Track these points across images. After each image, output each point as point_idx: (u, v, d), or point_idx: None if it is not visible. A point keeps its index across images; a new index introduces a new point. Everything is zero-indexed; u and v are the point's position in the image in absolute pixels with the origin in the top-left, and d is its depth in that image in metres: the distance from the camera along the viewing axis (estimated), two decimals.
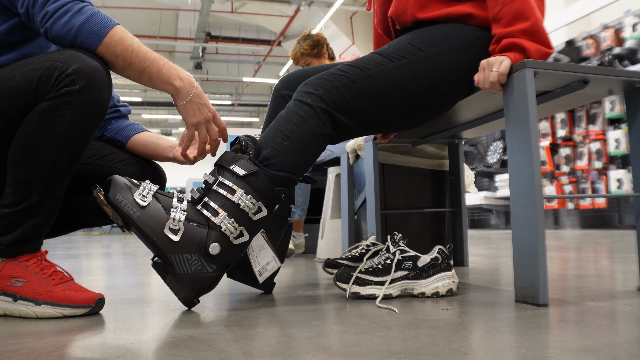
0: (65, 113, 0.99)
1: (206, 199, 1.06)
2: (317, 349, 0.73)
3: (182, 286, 1.05)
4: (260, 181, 1.07)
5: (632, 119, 1.26)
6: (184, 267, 1.03)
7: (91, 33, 1.01)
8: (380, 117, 1.20)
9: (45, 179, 1.01)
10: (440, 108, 1.27)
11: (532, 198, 1.05)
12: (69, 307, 1.02)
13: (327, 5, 9.43)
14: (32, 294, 1.01)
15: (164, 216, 1.03)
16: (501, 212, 7.20)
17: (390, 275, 1.18)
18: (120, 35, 1.04)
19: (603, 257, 2.21)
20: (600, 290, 1.25)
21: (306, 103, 1.13)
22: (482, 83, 1.15)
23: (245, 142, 1.10)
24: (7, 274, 1.03)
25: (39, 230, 1.05)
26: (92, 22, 1.01)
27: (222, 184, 1.06)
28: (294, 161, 1.11)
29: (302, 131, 1.11)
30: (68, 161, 1.03)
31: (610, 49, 5.19)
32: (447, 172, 2.03)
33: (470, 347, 0.72)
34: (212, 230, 1.04)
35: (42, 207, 1.02)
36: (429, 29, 1.25)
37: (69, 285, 1.05)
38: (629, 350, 0.69)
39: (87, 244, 5.10)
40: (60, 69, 0.98)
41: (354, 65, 1.19)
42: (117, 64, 1.04)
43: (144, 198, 1.03)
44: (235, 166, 1.07)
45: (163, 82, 1.07)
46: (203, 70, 14.69)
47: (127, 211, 1.01)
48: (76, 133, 1.01)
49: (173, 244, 1.02)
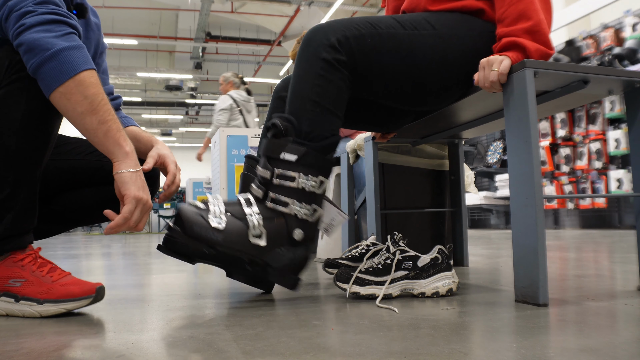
0: (19, 99, 0.96)
1: (271, 194, 1.08)
2: (317, 349, 0.73)
3: (286, 277, 1.10)
4: (312, 157, 1.09)
5: (632, 119, 1.26)
6: (279, 261, 1.08)
7: (70, 61, 0.93)
8: (378, 80, 1.20)
9: (12, 169, 0.98)
10: (435, 91, 1.27)
11: (532, 198, 1.05)
12: (71, 302, 1.01)
13: (327, 5, 9.43)
14: (34, 294, 1.01)
15: (243, 228, 1.06)
16: (501, 212, 7.20)
17: (390, 275, 1.18)
18: (96, 79, 0.97)
19: (603, 257, 2.21)
20: (600, 290, 1.25)
21: (321, 58, 1.12)
22: (481, 82, 1.15)
23: (284, 125, 1.10)
24: (4, 275, 1.02)
25: (20, 226, 1.02)
26: (77, 52, 0.95)
27: (279, 175, 1.08)
28: (332, 122, 1.12)
29: (329, 91, 1.12)
30: (33, 149, 0.99)
31: (610, 49, 5.20)
32: (447, 172, 2.03)
33: (470, 347, 0.72)
34: (290, 220, 1.08)
35: (16, 199, 1.00)
36: (445, 13, 1.27)
37: (67, 279, 1.05)
38: (629, 350, 0.69)
39: (87, 243, 5.10)
40: (10, 57, 0.96)
41: (367, 20, 1.18)
42: (82, 105, 0.94)
43: (219, 221, 1.05)
44: (284, 154, 1.08)
45: (116, 141, 0.98)
46: (203, 70, 14.69)
47: (210, 239, 1.03)
48: (35, 118, 0.98)
49: (262, 248, 1.06)
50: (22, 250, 1.04)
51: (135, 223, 0.99)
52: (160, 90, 15.64)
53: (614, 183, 5.07)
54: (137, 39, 11.65)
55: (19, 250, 1.04)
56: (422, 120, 1.54)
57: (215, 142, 4.20)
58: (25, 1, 0.96)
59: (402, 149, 1.96)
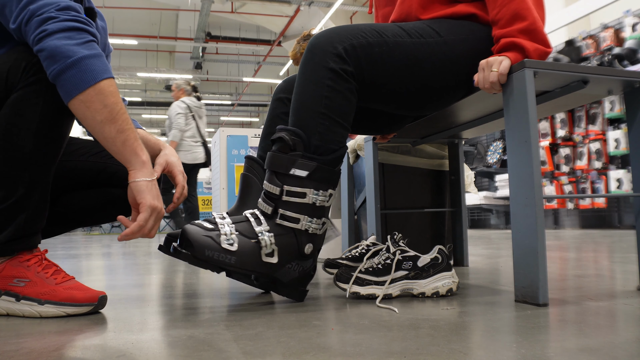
0: (36, 102, 0.98)
1: (281, 211, 1.06)
2: (317, 348, 0.73)
3: (294, 290, 1.12)
4: (323, 172, 1.07)
5: (631, 119, 1.26)
6: (289, 275, 1.09)
7: (91, 70, 0.94)
8: (383, 89, 1.18)
9: (27, 170, 1.00)
10: (440, 96, 1.26)
11: (532, 198, 1.05)
12: (72, 306, 1.02)
13: (327, 5, 9.43)
14: (35, 294, 1.02)
15: (256, 248, 1.04)
16: (501, 212, 7.20)
17: (390, 275, 1.18)
18: (115, 88, 0.98)
19: (603, 257, 2.21)
20: (600, 290, 1.25)
21: (328, 68, 1.09)
22: (481, 83, 1.15)
23: (293, 140, 1.06)
24: (9, 274, 1.03)
25: (31, 226, 1.04)
26: (97, 60, 0.96)
27: (289, 192, 1.05)
28: (340, 134, 1.10)
29: (337, 103, 1.09)
30: (47, 150, 1.01)
31: (610, 49, 5.20)
32: (447, 172, 2.03)
33: (470, 347, 0.72)
34: (300, 236, 1.07)
35: (29, 200, 1.01)
36: (445, 19, 1.25)
37: (71, 283, 1.05)
38: (629, 350, 0.69)
39: (87, 243, 5.10)
40: (27, 59, 0.97)
41: (372, 27, 1.16)
42: (101, 113, 0.95)
43: (231, 242, 1.02)
44: (294, 170, 1.05)
45: (133, 150, 0.99)
46: (203, 70, 14.70)
47: (222, 261, 1.02)
48: (50, 121, 1.00)
49: (274, 266, 1.06)
50: (30, 251, 1.05)
51: (149, 230, 1.01)
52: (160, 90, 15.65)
53: (614, 183, 5.07)
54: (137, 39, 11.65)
55: (27, 250, 1.05)
56: (422, 120, 1.55)
57: (215, 142, 4.20)
58: (47, 6, 0.96)
59: (402, 149, 1.96)
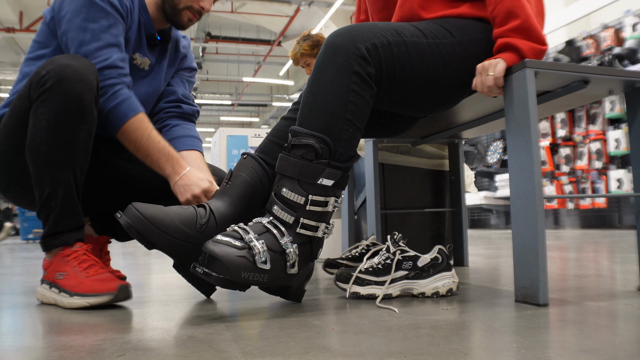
0: (43, 111, 1.12)
1: (304, 220, 1.03)
2: (317, 349, 0.73)
3: (300, 293, 1.13)
4: (344, 180, 1.06)
5: (632, 119, 1.26)
6: (299, 281, 1.09)
7: (119, 115, 1.21)
8: (398, 91, 1.16)
9: (49, 171, 1.13)
10: (454, 97, 1.24)
11: (532, 198, 1.05)
12: (94, 297, 1.10)
13: (327, 5, 9.43)
14: (69, 286, 1.13)
15: (282, 261, 1.02)
16: (501, 212, 7.20)
17: (390, 275, 1.17)
18: (137, 124, 1.22)
19: (603, 257, 2.21)
20: (600, 290, 1.25)
21: (354, 71, 1.05)
22: (479, 87, 1.15)
23: (322, 148, 1.02)
24: (54, 268, 1.17)
25: (62, 224, 1.16)
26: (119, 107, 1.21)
27: (314, 201, 1.03)
28: (358, 140, 1.09)
29: (361, 108, 1.06)
30: (61, 152, 1.13)
31: (610, 49, 5.20)
32: (447, 172, 2.03)
33: (470, 347, 0.72)
34: (315, 242, 1.07)
35: (54, 199, 1.14)
36: (456, 19, 1.22)
37: (100, 276, 1.13)
38: (629, 350, 0.69)
39: None
40: (39, 74, 1.12)
41: (390, 26, 1.13)
42: (129, 147, 1.24)
43: (264, 260, 0.99)
44: (322, 179, 1.02)
45: (160, 168, 1.26)
46: (203, 70, 14.69)
47: (256, 281, 0.99)
48: (57, 125, 1.11)
49: (295, 276, 1.05)
50: (70, 247, 1.17)
51: None
52: None
53: (614, 183, 5.07)
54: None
55: (67, 246, 1.17)
56: (422, 120, 1.54)
57: (215, 142, 4.20)
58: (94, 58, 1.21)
59: (402, 149, 1.96)
